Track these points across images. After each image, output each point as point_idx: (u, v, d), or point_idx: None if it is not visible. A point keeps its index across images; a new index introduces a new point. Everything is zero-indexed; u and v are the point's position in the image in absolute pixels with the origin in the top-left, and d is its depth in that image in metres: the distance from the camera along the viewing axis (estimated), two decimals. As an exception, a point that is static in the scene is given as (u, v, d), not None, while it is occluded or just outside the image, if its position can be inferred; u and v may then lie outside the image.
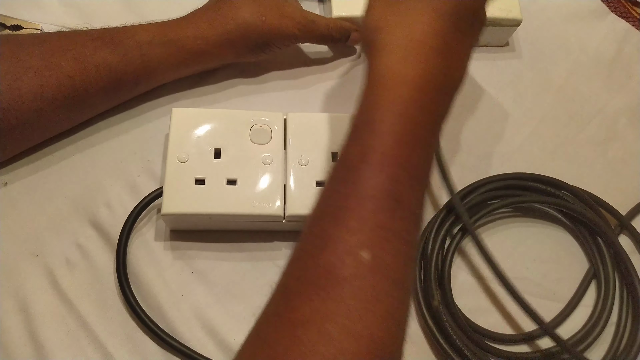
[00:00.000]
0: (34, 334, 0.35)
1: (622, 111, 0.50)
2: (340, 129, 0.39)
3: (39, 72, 0.35)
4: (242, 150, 0.38)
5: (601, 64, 0.52)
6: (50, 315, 0.36)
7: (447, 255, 0.40)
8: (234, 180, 0.37)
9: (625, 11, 0.55)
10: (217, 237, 0.40)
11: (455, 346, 0.37)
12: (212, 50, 0.40)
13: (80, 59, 0.37)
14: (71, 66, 0.36)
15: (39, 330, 0.35)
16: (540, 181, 0.43)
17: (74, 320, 0.36)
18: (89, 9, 0.47)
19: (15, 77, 0.35)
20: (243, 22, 0.40)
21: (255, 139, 0.38)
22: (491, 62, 0.51)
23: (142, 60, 0.39)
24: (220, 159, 0.38)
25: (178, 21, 0.40)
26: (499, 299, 0.41)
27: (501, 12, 0.47)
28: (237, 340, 0.37)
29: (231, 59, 0.43)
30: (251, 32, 0.40)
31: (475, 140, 0.47)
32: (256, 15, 0.40)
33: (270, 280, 0.39)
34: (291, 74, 0.47)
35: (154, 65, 0.39)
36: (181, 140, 0.38)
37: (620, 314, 0.41)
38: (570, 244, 0.44)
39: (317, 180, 0.38)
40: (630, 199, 0.46)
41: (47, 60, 0.36)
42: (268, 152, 0.38)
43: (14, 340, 0.35)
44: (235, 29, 0.40)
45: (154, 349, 0.36)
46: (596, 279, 0.42)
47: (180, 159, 0.37)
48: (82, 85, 0.37)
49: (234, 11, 0.40)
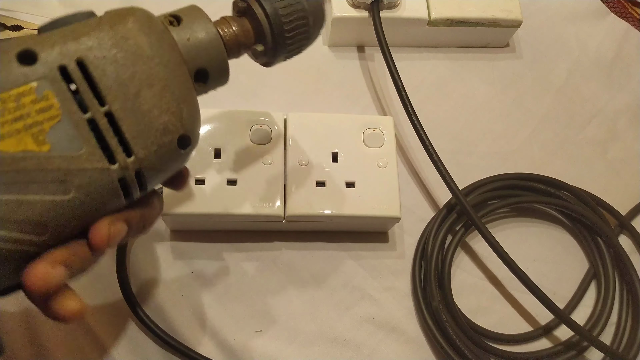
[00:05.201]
0: (34, 334, 0.35)
1: (622, 111, 0.50)
2: (340, 129, 0.40)
3: None
4: (242, 150, 0.38)
5: (601, 64, 0.52)
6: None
7: (447, 255, 0.40)
8: (234, 180, 0.37)
9: (625, 11, 0.55)
10: (217, 237, 0.40)
11: (455, 346, 0.37)
12: None
13: None
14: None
15: (39, 330, 0.35)
16: (540, 181, 0.43)
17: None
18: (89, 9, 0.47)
19: None
20: None
21: (255, 139, 0.38)
22: (491, 62, 0.51)
23: None
24: (220, 159, 0.38)
25: None
26: (498, 299, 0.41)
27: (502, 12, 0.47)
28: (237, 340, 0.37)
29: None
30: None
31: (475, 140, 0.47)
32: None
33: (270, 280, 0.39)
34: (291, 74, 0.47)
35: None
36: None
37: (620, 314, 0.41)
38: (570, 244, 0.44)
39: (317, 180, 0.38)
40: (630, 199, 0.46)
41: None
42: (268, 152, 0.38)
43: (14, 341, 0.35)
44: None
45: (154, 349, 0.36)
46: (596, 279, 0.42)
47: None
48: None
49: None
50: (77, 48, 0.22)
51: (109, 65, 0.22)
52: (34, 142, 0.21)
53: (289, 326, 0.38)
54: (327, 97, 0.46)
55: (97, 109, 0.22)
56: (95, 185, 0.22)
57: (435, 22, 0.47)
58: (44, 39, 0.22)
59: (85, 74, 0.22)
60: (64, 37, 0.22)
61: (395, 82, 0.42)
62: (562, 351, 0.39)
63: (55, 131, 0.21)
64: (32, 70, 0.21)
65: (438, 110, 0.47)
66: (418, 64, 0.49)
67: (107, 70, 0.22)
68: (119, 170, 0.22)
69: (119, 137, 0.22)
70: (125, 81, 0.22)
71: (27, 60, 0.21)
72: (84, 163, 0.22)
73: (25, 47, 0.21)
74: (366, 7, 0.45)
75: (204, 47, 0.25)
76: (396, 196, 0.38)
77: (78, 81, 0.22)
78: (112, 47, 0.22)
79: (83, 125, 0.22)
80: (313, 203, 0.37)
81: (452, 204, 0.41)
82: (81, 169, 0.22)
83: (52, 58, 0.21)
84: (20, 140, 0.20)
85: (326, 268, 0.40)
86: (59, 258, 0.22)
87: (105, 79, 0.22)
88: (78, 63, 0.22)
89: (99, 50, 0.22)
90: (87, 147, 0.22)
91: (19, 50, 0.21)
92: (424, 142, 0.40)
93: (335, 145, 0.39)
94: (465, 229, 0.41)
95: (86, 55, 0.22)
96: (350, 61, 0.48)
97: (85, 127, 0.22)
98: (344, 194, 0.38)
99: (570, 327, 0.38)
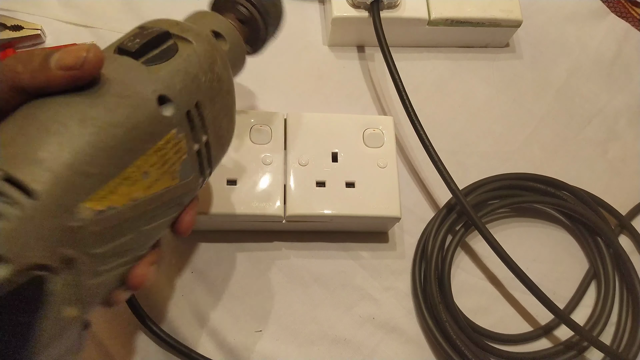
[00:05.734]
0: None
1: (622, 111, 0.50)
2: (340, 129, 0.40)
3: None
4: (242, 150, 0.38)
5: (601, 64, 0.52)
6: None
7: (447, 255, 0.40)
8: (234, 180, 0.37)
9: (625, 11, 0.55)
10: (217, 237, 0.40)
11: (455, 346, 0.37)
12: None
13: None
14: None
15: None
16: (540, 181, 0.43)
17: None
18: (89, 8, 0.47)
19: None
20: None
21: (255, 139, 0.38)
22: (491, 63, 0.51)
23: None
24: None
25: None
26: (498, 299, 0.41)
27: (502, 12, 0.47)
28: (237, 340, 0.37)
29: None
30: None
31: (475, 140, 0.47)
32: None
33: (270, 280, 0.39)
34: (291, 74, 0.47)
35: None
36: None
37: (620, 314, 0.41)
38: (570, 244, 0.44)
39: (317, 180, 0.38)
40: (630, 199, 0.46)
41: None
42: (268, 152, 0.38)
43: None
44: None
45: (154, 349, 0.36)
46: (596, 279, 0.42)
47: None
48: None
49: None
50: (195, 91, 0.24)
51: (210, 102, 0.25)
52: (170, 179, 0.24)
53: (289, 326, 0.38)
54: (327, 97, 0.46)
55: (202, 141, 0.26)
56: (192, 197, 0.27)
57: (435, 22, 0.47)
58: (165, 79, 0.23)
59: (199, 113, 0.25)
60: (181, 79, 0.24)
61: (395, 82, 0.42)
62: (562, 351, 0.39)
63: (183, 167, 0.25)
64: (172, 117, 0.23)
65: (438, 110, 0.47)
66: (418, 64, 0.49)
67: (210, 108, 0.26)
68: (203, 180, 0.28)
69: (208, 158, 0.27)
70: (218, 114, 0.26)
71: (162, 103, 0.23)
72: (192, 186, 0.26)
73: (161, 93, 0.23)
74: (366, 7, 0.45)
75: (238, 56, 0.29)
76: (396, 196, 0.38)
77: (197, 122, 0.25)
78: (213, 87, 0.25)
79: (194, 156, 0.26)
80: (313, 203, 0.37)
81: (452, 204, 0.41)
82: (191, 190, 0.26)
83: (182, 104, 0.24)
84: (164, 181, 0.24)
85: (326, 268, 0.40)
86: (151, 260, 0.26)
87: (209, 115, 0.26)
88: (196, 106, 0.25)
89: (207, 92, 0.25)
90: (195, 173, 0.26)
91: (158, 96, 0.23)
92: (424, 142, 0.40)
93: (335, 145, 0.39)
94: (465, 229, 0.41)
95: (201, 99, 0.25)
96: (350, 61, 0.48)
97: (195, 157, 0.26)
98: (344, 194, 0.38)
99: (570, 327, 0.38)
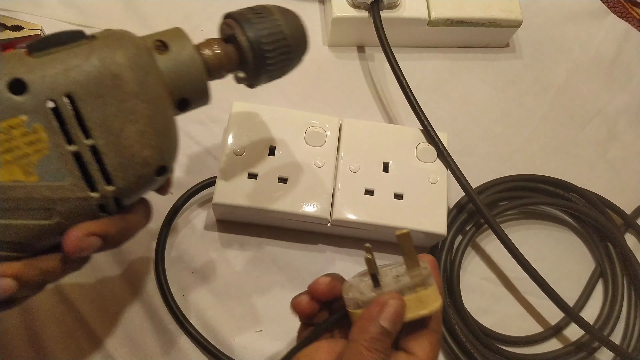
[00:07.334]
0: (34, 334, 0.35)
1: (622, 111, 0.50)
2: (394, 139, 0.39)
3: None
4: (296, 150, 0.38)
5: (601, 64, 0.52)
6: (50, 315, 0.36)
7: (456, 256, 0.40)
8: (285, 178, 0.37)
9: (625, 11, 0.55)
10: (217, 237, 0.40)
11: (464, 349, 0.37)
12: None
13: None
14: None
15: (39, 330, 0.35)
16: (549, 183, 0.43)
17: (74, 320, 0.36)
18: (89, 9, 0.47)
19: None
20: None
21: (310, 140, 0.39)
22: (491, 63, 0.50)
23: None
24: (273, 156, 0.38)
25: None
26: (508, 300, 0.41)
27: (502, 13, 0.47)
28: (237, 340, 0.37)
29: None
30: None
31: (475, 140, 0.47)
32: None
33: (270, 280, 0.39)
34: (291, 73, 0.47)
35: None
36: (238, 133, 0.38)
37: (629, 314, 0.41)
38: (576, 246, 0.44)
39: (366, 188, 0.38)
40: (630, 199, 0.46)
41: None
42: (321, 154, 0.38)
43: (14, 340, 0.35)
44: None
45: (154, 348, 0.36)
46: (603, 279, 0.42)
47: (236, 152, 0.37)
48: None
49: None
50: (66, 82, 0.22)
51: (96, 100, 0.22)
52: (22, 173, 0.22)
53: (289, 326, 0.38)
54: (327, 97, 0.46)
55: (82, 142, 0.23)
56: (76, 211, 0.23)
57: (435, 22, 0.46)
58: (33, 66, 0.22)
59: (73, 108, 0.22)
60: (53, 67, 0.22)
61: (399, 81, 0.42)
62: (572, 352, 0.39)
63: (43, 163, 0.22)
64: (23, 102, 0.21)
65: (438, 110, 0.47)
66: (418, 64, 0.49)
67: (95, 106, 0.23)
68: (99, 198, 0.24)
69: (101, 168, 0.23)
70: (110, 117, 0.23)
71: (17, 89, 0.21)
72: (67, 193, 0.23)
73: (16, 77, 0.21)
74: (366, 7, 0.45)
75: (188, 76, 0.25)
76: (444, 213, 0.38)
77: (66, 116, 0.22)
78: (101, 84, 0.22)
79: (68, 157, 0.23)
80: (360, 210, 0.37)
81: (462, 204, 0.41)
82: (65, 198, 0.23)
83: (42, 90, 0.22)
84: (10, 171, 0.21)
85: (327, 268, 0.40)
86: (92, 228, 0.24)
87: (92, 114, 0.23)
88: (67, 97, 0.22)
89: (88, 86, 0.22)
90: (71, 178, 0.23)
91: (10, 79, 0.21)
92: (434, 142, 0.40)
93: (388, 155, 0.39)
94: (476, 228, 0.41)
95: (75, 90, 0.22)
96: (350, 61, 0.48)
97: (70, 159, 0.23)
98: (392, 205, 0.37)
99: (581, 326, 0.37)
